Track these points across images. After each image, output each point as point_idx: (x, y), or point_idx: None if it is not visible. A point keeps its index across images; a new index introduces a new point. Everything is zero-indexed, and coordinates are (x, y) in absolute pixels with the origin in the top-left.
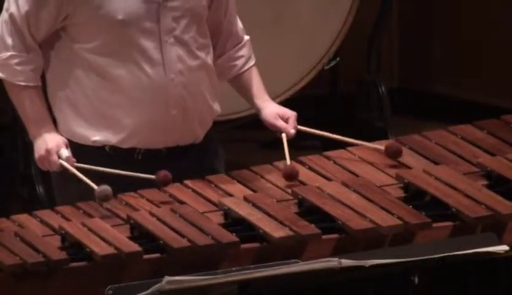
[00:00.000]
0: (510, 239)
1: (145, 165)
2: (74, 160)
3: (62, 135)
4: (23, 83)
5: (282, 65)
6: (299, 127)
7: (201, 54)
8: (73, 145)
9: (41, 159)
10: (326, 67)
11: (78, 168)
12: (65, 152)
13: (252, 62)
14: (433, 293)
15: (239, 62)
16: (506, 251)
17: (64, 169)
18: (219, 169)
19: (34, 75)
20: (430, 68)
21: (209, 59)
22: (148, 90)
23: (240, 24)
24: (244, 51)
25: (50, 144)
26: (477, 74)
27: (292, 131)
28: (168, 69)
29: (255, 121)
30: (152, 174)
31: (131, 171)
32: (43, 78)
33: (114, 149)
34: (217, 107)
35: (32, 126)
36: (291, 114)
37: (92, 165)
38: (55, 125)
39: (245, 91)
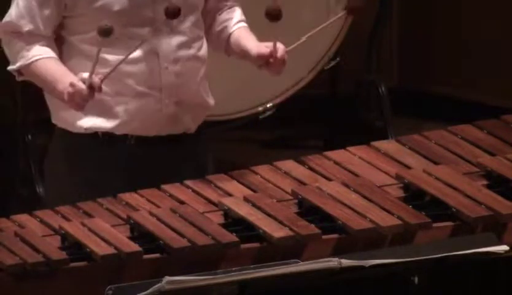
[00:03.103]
0: (510, 239)
1: (136, 151)
2: (100, 76)
3: (56, 124)
4: (37, 57)
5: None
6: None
7: (195, 45)
8: (66, 134)
9: (69, 96)
10: (326, 67)
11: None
12: (87, 74)
13: (242, 23)
14: (433, 293)
15: (229, 23)
16: (506, 251)
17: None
18: (207, 163)
19: (48, 49)
20: (430, 68)
21: (203, 51)
22: (142, 79)
23: None
24: (233, 15)
25: (73, 79)
26: (477, 74)
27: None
28: (162, 58)
29: (255, 121)
30: (143, 160)
31: (123, 156)
32: None
33: (107, 134)
34: (210, 100)
35: (57, 85)
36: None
37: (84, 150)
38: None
39: (236, 48)
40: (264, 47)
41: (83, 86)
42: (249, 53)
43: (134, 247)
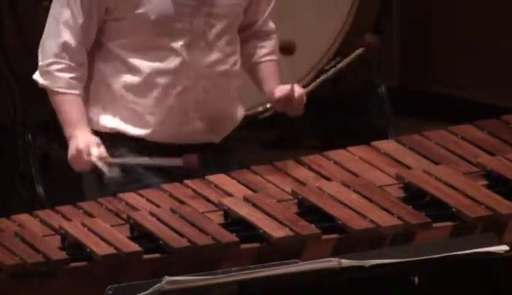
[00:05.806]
0: (510, 239)
1: (166, 155)
2: (107, 156)
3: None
4: (61, 90)
5: (282, 65)
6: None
7: (230, 60)
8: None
9: (72, 159)
10: (326, 68)
11: (110, 164)
12: (96, 151)
13: (272, 57)
14: (433, 293)
15: (259, 51)
16: (506, 251)
17: (95, 167)
18: (233, 167)
19: (74, 83)
20: (430, 68)
21: (236, 67)
22: (171, 91)
23: (272, 25)
24: (266, 44)
25: (81, 144)
26: (477, 74)
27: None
28: (195, 73)
29: (255, 121)
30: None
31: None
32: None
33: (139, 139)
34: (239, 113)
35: (67, 128)
36: (296, 87)
37: (120, 147)
38: None
39: (258, 81)
40: (280, 91)
41: (85, 158)
42: (267, 96)
43: (134, 247)
